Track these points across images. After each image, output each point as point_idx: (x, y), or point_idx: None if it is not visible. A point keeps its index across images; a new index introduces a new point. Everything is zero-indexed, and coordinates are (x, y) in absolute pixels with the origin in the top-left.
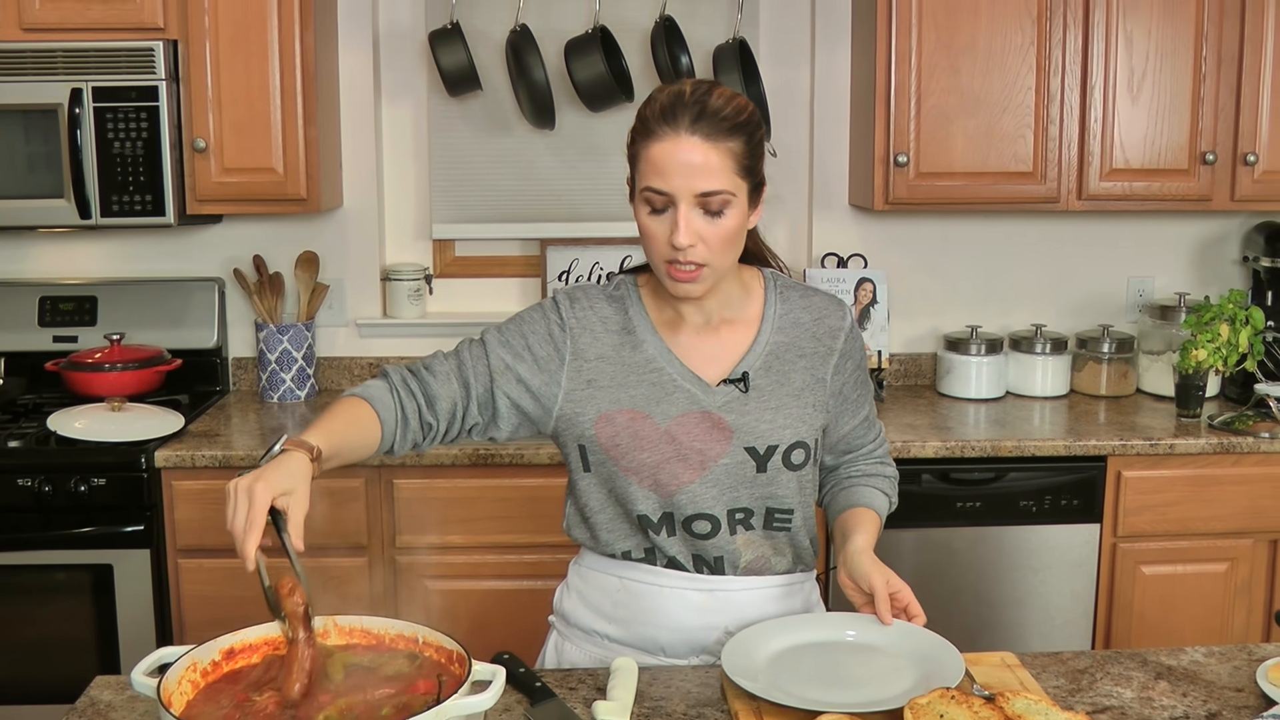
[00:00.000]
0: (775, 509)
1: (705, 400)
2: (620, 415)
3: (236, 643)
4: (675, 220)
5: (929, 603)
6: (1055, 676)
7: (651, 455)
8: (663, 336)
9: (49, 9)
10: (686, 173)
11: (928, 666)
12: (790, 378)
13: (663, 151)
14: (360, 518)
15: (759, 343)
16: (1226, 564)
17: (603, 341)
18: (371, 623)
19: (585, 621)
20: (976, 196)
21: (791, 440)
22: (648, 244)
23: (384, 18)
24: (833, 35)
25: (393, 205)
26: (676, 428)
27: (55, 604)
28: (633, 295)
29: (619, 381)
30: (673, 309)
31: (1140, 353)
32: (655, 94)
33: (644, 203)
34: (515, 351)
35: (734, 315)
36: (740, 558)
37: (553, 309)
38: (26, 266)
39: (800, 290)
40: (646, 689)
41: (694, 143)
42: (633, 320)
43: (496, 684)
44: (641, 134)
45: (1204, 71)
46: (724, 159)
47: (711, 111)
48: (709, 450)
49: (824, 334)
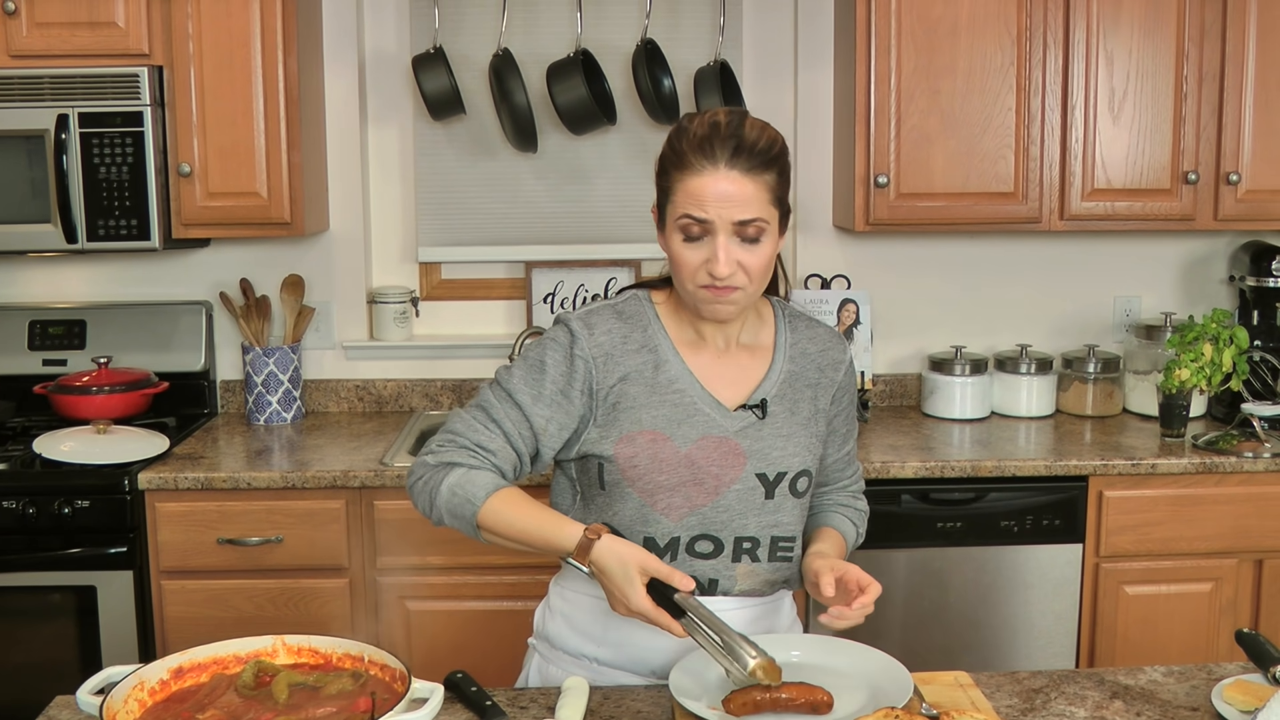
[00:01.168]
0: (780, 538)
1: (724, 424)
2: (641, 436)
3: (185, 662)
4: (715, 249)
5: (909, 624)
6: (1009, 696)
7: (669, 478)
8: (685, 357)
9: (36, 36)
10: (725, 203)
11: (877, 686)
12: (800, 407)
13: (701, 184)
14: (341, 539)
15: (774, 370)
16: (1210, 584)
17: (624, 363)
18: (320, 642)
19: (573, 645)
20: (958, 217)
21: (799, 468)
22: (681, 270)
23: (369, 42)
24: (815, 56)
25: (379, 228)
26: (696, 452)
27: (39, 625)
28: (650, 312)
29: (641, 402)
30: (694, 330)
31: (1127, 372)
32: (687, 124)
33: (678, 230)
34: (552, 402)
35: (750, 341)
36: (736, 585)
37: (570, 342)
38: (17, 291)
39: (805, 320)
40: (598, 708)
41: (733, 177)
42: (654, 338)
43: (433, 701)
44: (676, 165)
45: (1185, 90)
46: (759, 191)
47: (749, 145)
48: (724, 475)
49: (827, 366)
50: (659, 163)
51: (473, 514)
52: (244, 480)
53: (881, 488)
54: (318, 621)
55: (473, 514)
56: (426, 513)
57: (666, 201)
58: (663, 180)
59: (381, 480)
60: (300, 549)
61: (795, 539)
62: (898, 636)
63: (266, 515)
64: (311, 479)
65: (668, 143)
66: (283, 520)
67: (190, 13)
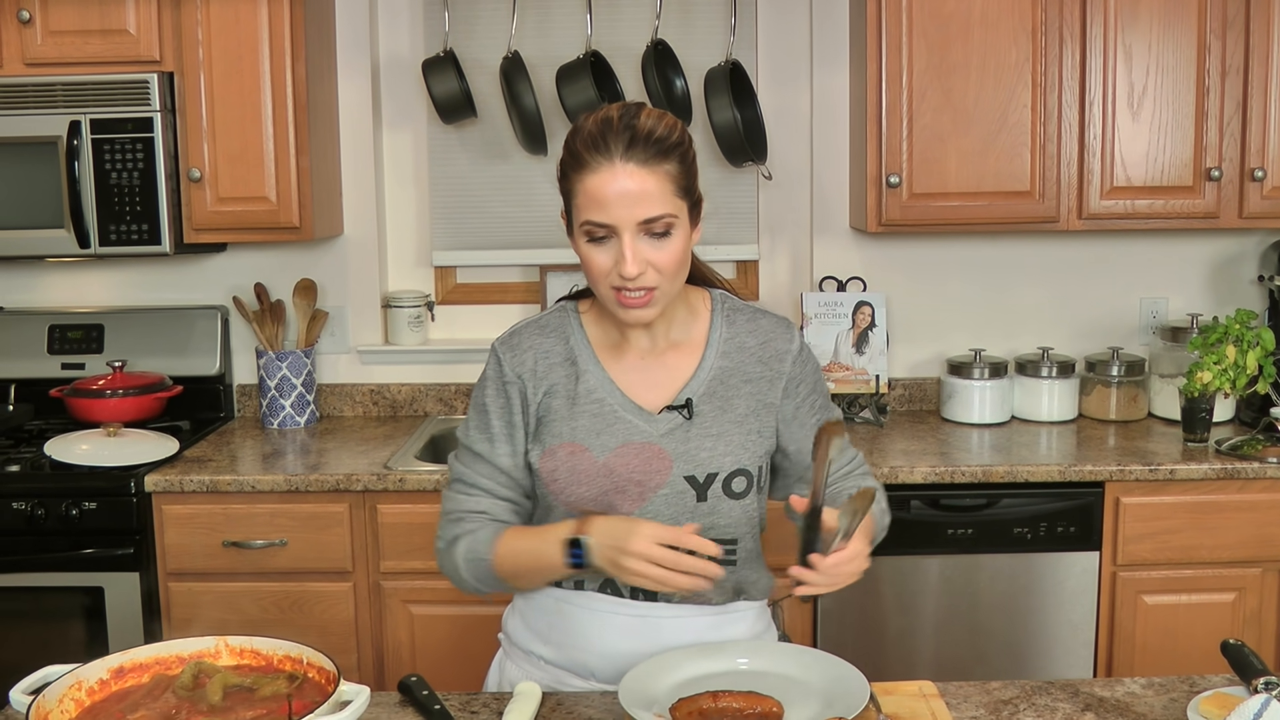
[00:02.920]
0: (718, 540)
1: (647, 430)
2: (561, 449)
3: (127, 661)
4: (621, 250)
5: (919, 633)
6: (975, 707)
7: (589, 489)
8: (605, 364)
9: (50, 44)
10: (627, 202)
11: (830, 695)
12: (733, 404)
13: (599, 183)
14: (345, 543)
15: (703, 368)
16: (1234, 594)
17: (548, 378)
18: (261, 643)
19: (525, 642)
20: (972, 217)
21: (733, 468)
22: (592, 275)
23: (383, 47)
24: (831, 56)
25: (394, 232)
26: (615, 460)
27: (47, 626)
28: (573, 323)
29: (562, 415)
30: (618, 333)
31: (1152, 376)
32: (581, 123)
33: (584, 234)
34: (505, 438)
35: (680, 338)
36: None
37: (496, 369)
38: (36, 296)
39: (749, 313)
40: (550, 714)
41: (630, 170)
42: (574, 350)
43: (357, 703)
44: (573, 166)
45: (1207, 85)
46: (661, 182)
47: (643, 135)
48: (648, 481)
49: (770, 357)
50: (559, 168)
51: (490, 572)
52: (249, 483)
53: (891, 493)
54: (321, 625)
55: (490, 572)
56: (470, 591)
57: (570, 206)
58: (564, 184)
59: (384, 484)
60: (304, 552)
61: (736, 541)
62: (905, 646)
63: (270, 519)
64: (315, 482)
65: (565, 146)
66: (287, 524)
67: (200, 20)
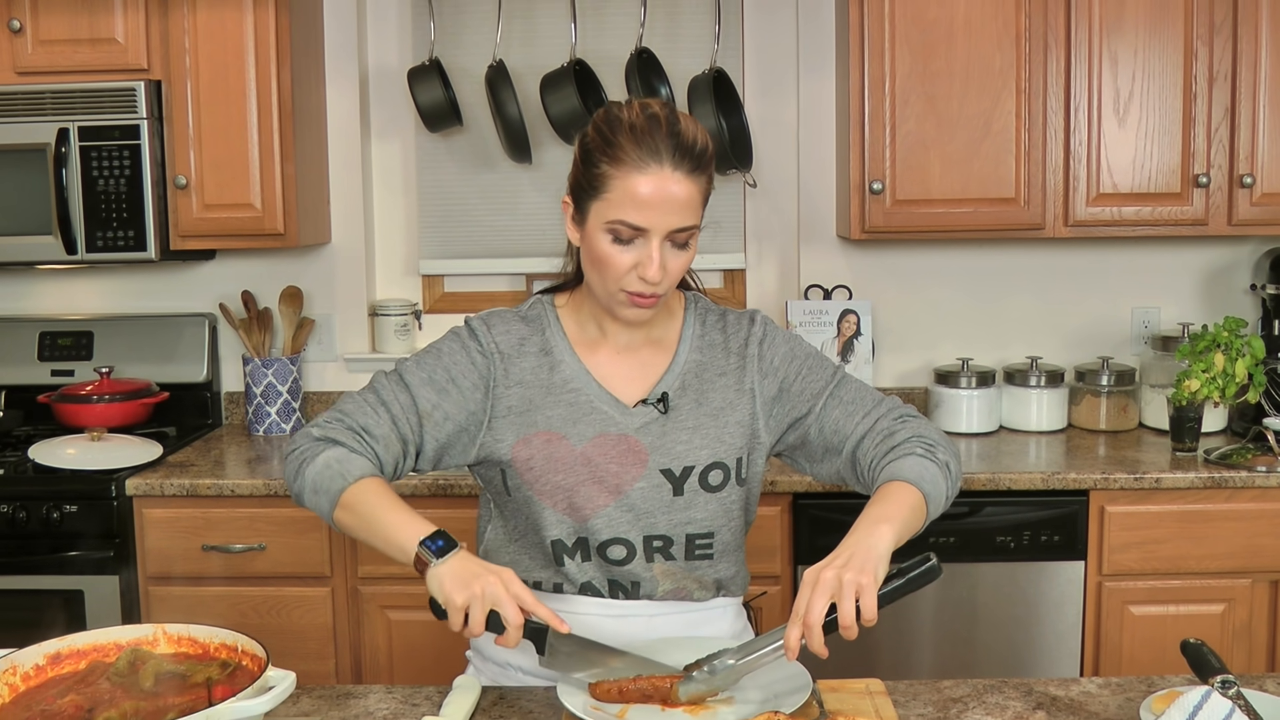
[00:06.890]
0: (695, 534)
1: (622, 422)
2: (537, 437)
3: (64, 648)
4: (648, 254)
5: (901, 643)
6: (924, 705)
7: (566, 478)
8: (581, 357)
9: (40, 53)
10: (668, 209)
11: (774, 690)
12: (708, 397)
13: (646, 185)
14: (323, 547)
15: (677, 362)
16: (1223, 605)
17: (521, 365)
18: (198, 631)
19: (498, 655)
20: (956, 224)
21: (709, 461)
22: (606, 271)
23: (371, 57)
24: (817, 64)
25: (382, 241)
26: (593, 449)
27: (27, 628)
28: (549, 316)
29: (538, 404)
30: (596, 327)
31: (1144, 386)
32: (619, 112)
33: (608, 232)
34: (440, 387)
35: (658, 335)
36: (658, 586)
37: (470, 336)
38: (27, 303)
39: (717, 313)
40: (490, 708)
41: (678, 178)
42: (550, 341)
43: (280, 688)
44: (612, 159)
45: (1195, 91)
46: (696, 195)
47: (689, 144)
48: (624, 474)
49: (738, 347)
50: (583, 150)
51: (340, 489)
52: (228, 488)
53: None
54: (299, 629)
55: (340, 489)
56: (290, 482)
57: (595, 197)
58: (594, 171)
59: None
60: (283, 556)
61: (712, 534)
62: (889, 654)
63: (249, 523)
64: None
65: (596, 130)
66: (265, 528)
67: (187, 28)
